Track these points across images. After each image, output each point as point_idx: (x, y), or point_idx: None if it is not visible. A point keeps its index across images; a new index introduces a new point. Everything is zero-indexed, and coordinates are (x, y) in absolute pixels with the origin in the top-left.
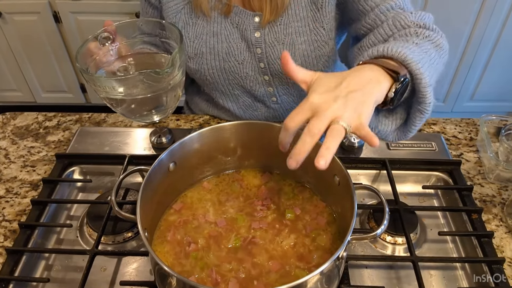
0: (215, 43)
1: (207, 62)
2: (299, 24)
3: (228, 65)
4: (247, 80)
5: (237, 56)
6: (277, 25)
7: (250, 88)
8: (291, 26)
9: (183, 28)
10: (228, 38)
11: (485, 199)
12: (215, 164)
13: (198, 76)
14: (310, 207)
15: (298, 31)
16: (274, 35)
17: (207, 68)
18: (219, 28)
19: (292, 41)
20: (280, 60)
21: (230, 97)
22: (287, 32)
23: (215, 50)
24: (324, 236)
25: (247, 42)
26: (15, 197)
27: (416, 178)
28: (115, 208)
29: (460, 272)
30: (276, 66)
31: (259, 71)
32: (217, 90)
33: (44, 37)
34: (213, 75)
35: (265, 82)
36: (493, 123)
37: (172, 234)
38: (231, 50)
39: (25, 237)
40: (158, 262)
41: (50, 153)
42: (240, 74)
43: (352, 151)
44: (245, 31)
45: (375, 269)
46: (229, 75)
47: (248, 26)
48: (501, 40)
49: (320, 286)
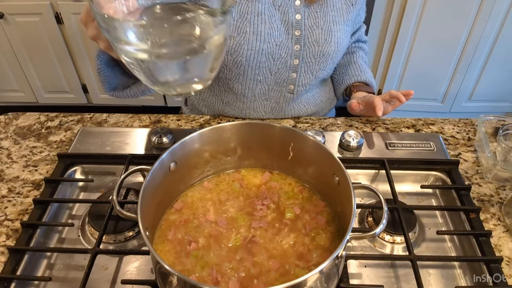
0: (259, 23)
1: (248, 42)
2: (335, 13)
3: (267, 46)
4: (278, 62)
5: (276, 37)
6: (316, 12)
7: (276, 71)
8: (328, 14)
9: None
10: (270, 19)
11: (483, 199)
12: (216, 164)
13: (233, 57)
14: (310, 207)
15: (334, 20)
16: (313, 19)
17: (247, 49)
18: (263, 9)
19: (329, 28)
20: (316, 43)
21: (251, 83)
22: (325, 19)
23: (258, 30)
24: (323, 235)
25: (286, 24)
26: (17, 196)
27: (414, 178)
28: (117, 208)
29: (458, 271)
30: (311, 49)
31: (292, 53)
32: (241, 74)
33: (46, 38)
34: (249, 56)
35: (293, 66)
36: (491, 123)
37: (173, 233)
38: (272, 31)
39: (27, 236)
40: (159, 261)
41: (52, 153)
42: (274, 56)
43: (352, 151)
44: (287, 13)
45: (374, 268)
46: (263, 57)
47: (290, 8)
48: (499, 41)
49: (319, 284)
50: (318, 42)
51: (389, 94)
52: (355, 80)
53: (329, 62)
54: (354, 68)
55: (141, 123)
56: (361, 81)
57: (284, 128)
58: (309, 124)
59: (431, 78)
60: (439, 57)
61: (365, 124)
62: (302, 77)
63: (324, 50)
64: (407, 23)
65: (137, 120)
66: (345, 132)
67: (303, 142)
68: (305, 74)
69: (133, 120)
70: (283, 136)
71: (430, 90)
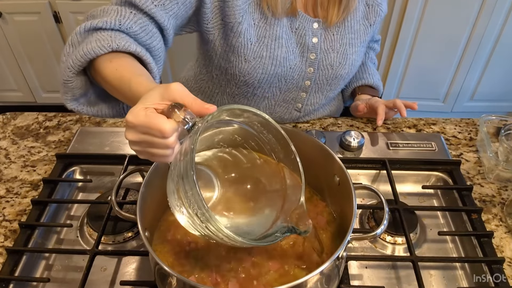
0: (276, 47)
1: (264, 66)
2: (353, 36)
3: (281, 69)
4: (289, 83)
5: (291, 61)
6: (333, 35)
7: (286, 90)
8: (345, 37)
9: (247, 30)
10: (287, 42)
11: (485, 199)
12: None
13: (246, 78)
14: (310, 207)
15: (351, 42)
16: (330, 43)
17: (261, 73)
18: (280, 32)
19: (345, 51)
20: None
21: (257, 99)
22: (342, 42)
23: (274, 55)
24: (324, 235)
25: (302, 47)
26: (15, 197)
27: (416, 178)
28: (115, 208)
29: (460, 272)
30: (325, 72)
31: (304, 75)
32: (250, 93)
33: (44, 37)
34: (262, 79)
35: (303, 87)
36: (492, 123)
37: (172, 234)
38: (288, 55)
39: (25, 237)
40: (158, 262)
41: (50, 153)
42: (287, 78)
43: (352, 151)
44: (304, 36)
45: (375, 269)
46: (275, 79)
47: (308, 31)
48: (501, 40)
49: (320, 285)
50: (332, 66)
51: (394, 103)
52: (362, 83)
53: (341, 83)
54: (362, 71)
55: None
56: (367, 84)
57: (284, 128)
58: (309, 124)
59: (433, 78)
60: (440, 56)
61: (366, 124)
62: (312, 96)
63: (338, 73)
64: (408, 23)
65: None
66: (346, 132)
67: (303, 142)
68: (315, 94)
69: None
70: None
71: (431, 90)
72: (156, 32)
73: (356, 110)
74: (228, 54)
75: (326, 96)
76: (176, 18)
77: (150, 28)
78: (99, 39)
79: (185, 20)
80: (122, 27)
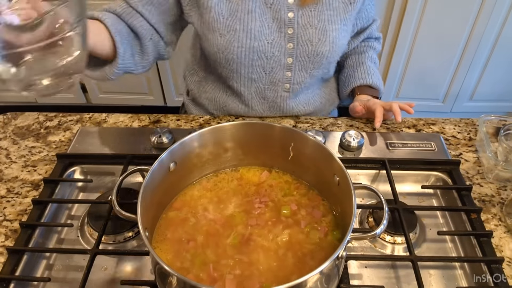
0: (249, 21)
1: (238, 39)
2: (331, 12)
3: (258, 43)
4: (271, 60)
5: (267, 35)
6: (311, 11)
7: (270, 70)
8: (324, 13)
9: (217, 5)
10: (261, 17)
11: (484, 199)
12: (215, 163)
13: (224, 54)
14: (306, 201)
15: (330, 19)
16: (307, 18)
17: (237, 46)
18: (254, 7)
19: (324, 27)
20: (309, 42)
21: (246, 81)
22: (320, 18)
23: (248, 28)
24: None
25: (279, 22)
26: (16, 197)
27: (415, 178)
28: (116, 208)
29: (459, 271)
30: (305, 48)
31: (285, 52)
32: (235, 72)
33: None
34: (240, 53)
35: (287, 65)
36: (492, 123)
37: (172, 232)
38: (263, 29)
39: (26, 236)
40: (159, 261)
41: (51, 153)
42: (267, 54)
43: (352, 151)
44: (279, 11)
45: (374, 268)
46: (255, 55)
47: (283, 6)
48: (501, 40)
49: (319, 285)
50: (311, 41)
51: (390, 107)
52: (360, 83)
53: (324, 61)
54: (361, 70)
55: (141, 123)
56: (366, 84)
57: (284, 128)
58: (309, 124)
59: (432, 78)
60: (440, 56)
61: (365, 124)
62: (297, 75)
63: (318, 49)
64: (408, 23)
65: (137, 120)
66: (345, 132)
67: (303, 142)
68: (299, 72)
69: (133, 120)
70: (283, 136)
71: (431, 90)
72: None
73: (354, 111)
74: (205, 33)
75: (311, 75)
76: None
77: (129, 10)
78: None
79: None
80: (110, 10)
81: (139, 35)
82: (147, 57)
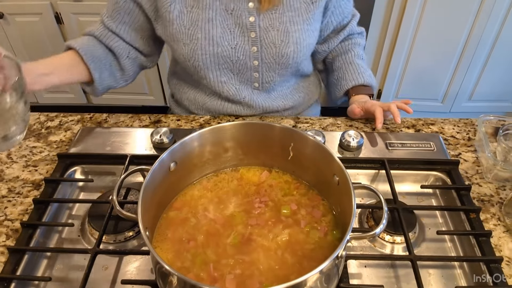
0: (210, 28)
1: (201, 47)
2: (293, 13)
3: (221, 49)
4: (237, 64)
5: (230, 41)
6: (272, 13)
7: (238, 72)
8: (285, 15)
9: (178, 17)
10: (222, 23)
11: (483, 199)
12: (215, 163)
13: (191, 62)
14: (306, 201)
15: (292, 20)
16: (269, 21)
17: (201, 53)
18: (214, 14)
19: (286, 29)
20: (273, 45)
21: (217, 84)
22: (282, 20)
23: (210, 35)
24: (318, 228)
25: (241, 27)
26: (17, 196)
27: (414, 178)
28: (117, 208)
29: (459, 271)
30: (269, 50)
31: (250, 55)
32: (205, 78)
33: (45, 38)
34: (205, 60)
35: (253, 67)
36: (491, 123)
37: (172, 231)
38: (225, 35)
39: (27, 236)
40: (159, 261)
41: (52, 153)
42: (232, 58)
43: (352, 151)
44: (240, 16)
45: (374, 268)
46: (221, 59)
47: (244, 11)
48: (500, 40)
49: (319, 284)
50: (275, 44)
51: (389, 108)
52: (353, 84)
53: (291, 62)
54: (351, 71)
55: (141, 123)
56: (359, 84)
57: (284, 128)
58: (309, 124)
59: (431, 78)
60: (439, 57)
61: (365, 124)
62: (265, 75)
63: (283, 51)
64: (407, 23)
65: (137, 120)
66: (345, 132)
67: (303, 142)
68: (267, 73)
69: (133, 120)
70: (283, 136)
71: (430, 90)
72: (111, 34)
73: (352, 113)
74: (171, 44)
75: (279, 74)
76: (126, 24)
77: (105, 32)
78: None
79: (142, 27)
80: (91, 33)
81: (116, 54)
82: (127, 73)
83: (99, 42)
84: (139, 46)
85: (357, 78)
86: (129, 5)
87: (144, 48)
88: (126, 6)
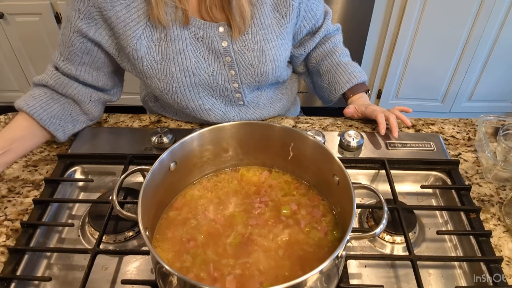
0: (183, 60)
1: (178, 80)
2: (266, 31)
3: (198, 78)
4: (217, 89)
5: (206, 68)
6: (245, 35)
7: (220, 95)
8: (258, 34)
9: (147, 53)
10: (195, 52)
11: (483, 199)
12: (215, 163)
13: (169, 95)
14: (306, 201)
15: (266, 38)
16: (242, 43)
17: (178, 86)
18: (184, 45)
19: (261, 48)
20: (250, 66)
21: (202, 113)
22: (255, 40)
23: (184, 66)
24: (318, 228)
25: (215, 53)
26: (17, 196)
27: (414, 178)
28: (117, 208)
29: (459, 271)
30: (247, 71)
31: (229, 79)
32: (187, 108)
33: (46, 38)
34: (184, 91)
35: (234, 90)
36: (491, 123)
37: (172, 231)
38: (200, 64)
39: (27, 236)
40: (159, 261)
41: (52, 153)
42: (211, 85)
43: (352, 151)
44: (212, 43)
45: (374, 268)
46: (200, 88)
47: (215, 37)
48: (499, 41)
49: (319, 284)
50: (252, 65)
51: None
52: (348, 87)
53: (270, 78)
54: (342, 73)
55: (141, 123)
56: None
57: (284, 128)
58: (309, 124)
59: (431, 78)
60: (439, 57)
61: (365, 124)
62: (247, 93)
63: (261, 70)
64: (407, 23)
65: (137, 120)
66: (345, 132)
67: (303, 142)
68: (249, 92)
69: (133, 120)
70: (283, 136)
71: (430, 90)
72: (68, 81)
73: (349, 114)
74: (144, 80)
75: (262, 90)
76: (86, 65)
77: (61, 80)
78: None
79: (104, 64)
80: (43, 82)
81: (77, 101)
82: (92, 114)
83: (54, 92)
84: (102, 84)
85: (350, 80)
86: (86, 45)
87: (108, 83)
88: (83, 46)
